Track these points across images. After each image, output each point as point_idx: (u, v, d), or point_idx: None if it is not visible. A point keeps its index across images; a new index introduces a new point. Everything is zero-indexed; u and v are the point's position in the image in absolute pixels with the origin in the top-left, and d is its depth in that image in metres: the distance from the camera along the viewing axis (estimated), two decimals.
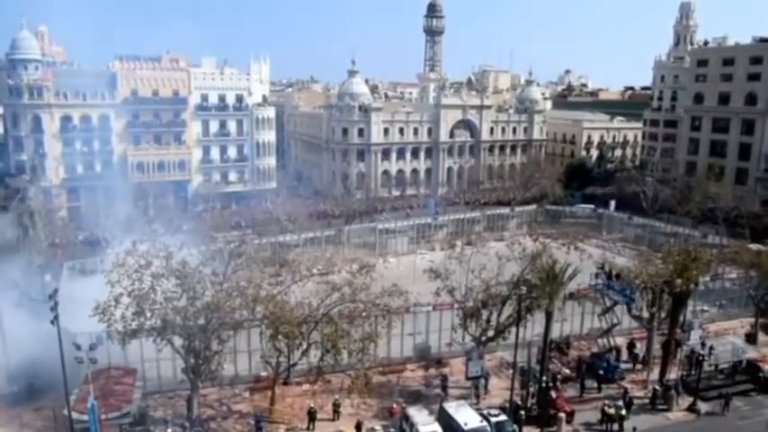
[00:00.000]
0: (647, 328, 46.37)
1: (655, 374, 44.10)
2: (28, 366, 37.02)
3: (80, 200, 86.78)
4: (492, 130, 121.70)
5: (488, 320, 42.09)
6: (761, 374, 43.78)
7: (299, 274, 40.54)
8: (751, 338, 50.53)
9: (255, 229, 73.36)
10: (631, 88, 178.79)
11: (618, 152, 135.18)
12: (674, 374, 44.14)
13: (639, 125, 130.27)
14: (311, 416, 36.93)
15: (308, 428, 37.17)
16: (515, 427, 36.38)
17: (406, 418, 35.84)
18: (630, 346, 47.78)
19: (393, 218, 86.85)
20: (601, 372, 43.56)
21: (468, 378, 41.22)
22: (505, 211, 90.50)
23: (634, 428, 37.28)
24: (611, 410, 37.96)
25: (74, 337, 33.39)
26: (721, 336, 49.50)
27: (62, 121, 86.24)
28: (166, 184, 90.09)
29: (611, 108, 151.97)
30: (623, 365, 45.90)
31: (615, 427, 37.76)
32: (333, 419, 37.85)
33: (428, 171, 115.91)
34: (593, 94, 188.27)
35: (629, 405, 39.30)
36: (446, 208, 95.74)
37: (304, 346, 37.66)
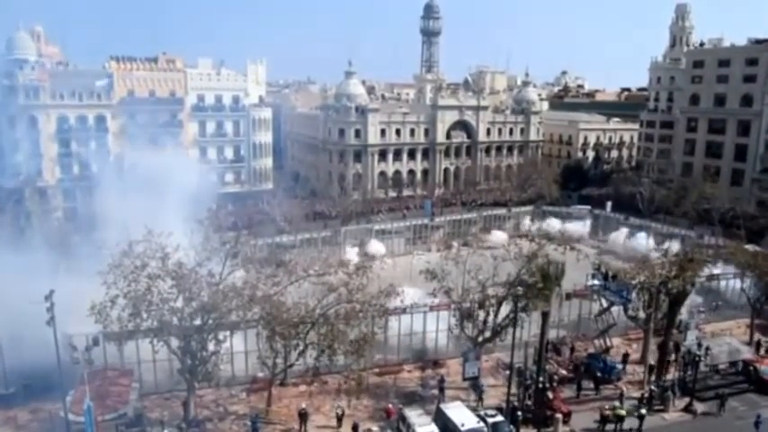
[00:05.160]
0: (643, 328, 46.48)
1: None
2: (24, 367, 36.90)
3: (76, 201, 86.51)
4: (489, 131, 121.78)
5: (485, 321, 42.14)
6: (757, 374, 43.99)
7: (295, 275, 40.51)
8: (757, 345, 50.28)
9: (252, 229, 73.28)
10: (627, 89, 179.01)
11: (614, 153, 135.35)
12: (670, 375, 44.23)
13: (636, 126, 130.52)
14: (302, 417, 36.82)
15: (300, 431, 37.05)
16: (512, 427, 36.46)
17: (403, 419, 35.89)
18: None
19: (390, 219, 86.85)
20: (599, 374, 43.56)
21: (464, 379, 41.25)
22: (502, 211, 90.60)
23: (630, 429, 37.39)
24: (622, 412, 38.06)
25: (70, 339, 33.32)
26: (718, 336, 49.63)
27: (58, 121, 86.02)
28: None
29: (608, 109, 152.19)
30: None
31: (625, 425, 37.93)
32: (336, 427, 37.45)
33: (425, 172, 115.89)
34: (590, 95, 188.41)
35: (650, 401, 40.12)
36: (443, 209, 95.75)
37: (301, 347, 37.66)
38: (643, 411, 38.37)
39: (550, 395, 39.16)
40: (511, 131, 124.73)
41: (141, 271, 33.88)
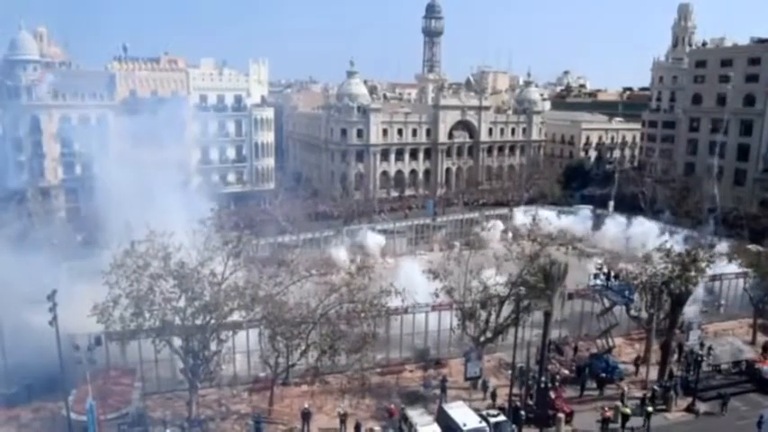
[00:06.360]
0: (645, 328, 46.42)
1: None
2: (27, 367, 36.98)
3: (78, 201, 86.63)
4: (491, 130, 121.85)
5: (487, 321, 42.13)
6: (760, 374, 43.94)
7: (297, 275, 40.55)
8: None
9: (254, 229, 73.28)
10: (630, 89, 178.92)
11: (616, 153, 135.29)
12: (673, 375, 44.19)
13: (638, 126, 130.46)
14: (305, 417, 36.86)
15: (302, 431, 37.06)
16: (514, 427, 36.44)
17: (405, 418, 35.90)
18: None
19: (392, 219, 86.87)
20: (603, 375, 43.46)
21: (466, 378, 41.27)
22: (504, 211, 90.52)
23: (632, 428, 37.37)
24: (627, 410, 38.21)
25: (73, 338, 33.36)
26: (720, 336, 49.58)
27: (61, 121, 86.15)
28: None
29: (610, 109, 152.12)
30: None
31: (628, 425, 37.97)
32: (339, 429, 37.27)
33: (427, 172, 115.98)
34: (592, 94, 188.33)
35: (652, 400, 40.04)
36: (445, 209, 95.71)
37: (302, 347, 37.70)
38: (649, 409, 38.42)
39: (553, 395, 39.16)
40: (513, 131, 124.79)
41: (143, 271, 33.92)
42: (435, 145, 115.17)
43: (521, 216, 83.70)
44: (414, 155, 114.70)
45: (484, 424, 34.68)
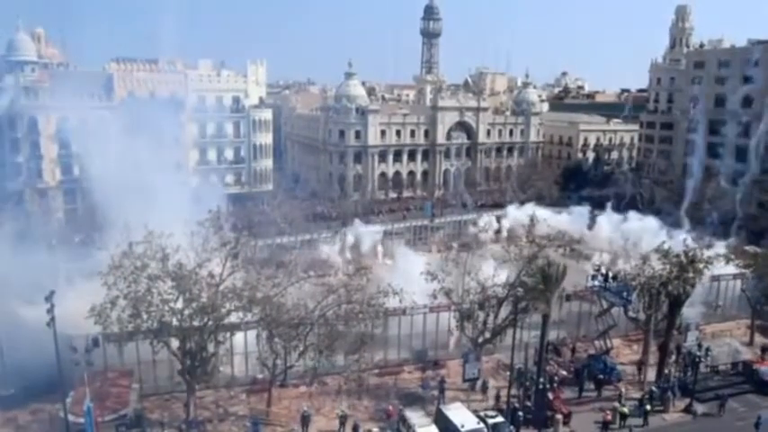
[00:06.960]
0: (643, 329, 46.43)
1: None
2: (24, 369, 36.92)
3: (76, 202, 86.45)
4: (489, 132, 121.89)
5: (485, 322, 42.14)
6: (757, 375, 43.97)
7: (295, 276, 40.52)
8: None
9: (252, 230, 73.20)
10: (628, 90, 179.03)
11: (614, 154, 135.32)
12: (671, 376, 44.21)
13: (636, 127, 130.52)
14: (304, 420, 36.81)
15: None
16: (512, 428, 36.47)
17: (404, 419, 35.92)
18: None
19: (390, 220, 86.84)
20: (601, 376, 43.46)
21: (465, 380, 41.26)
22: (501, 212, 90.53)
23: (630, 429, 37.40)
24: (625, 409, 38.41)
25: (70, 340, 33.30)
26: (718, 337, 49.59)
27: (58, 122, 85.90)
28: None
29: (609, 110, 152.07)
30: None
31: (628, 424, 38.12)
32: (338, 431, 37.27)
33: (425, 173, 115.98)
34: (590, 96, 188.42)
35: (650, 401, 40.09)
36: (442, 210, 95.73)
37: (300, 348, 37.68)
38: (648, 407, 38.50)
39: (551, 396, 39.17)
40: (511, 132, 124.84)
41: (141, 272, 33.89)
42: (433, 146, 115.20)
43: (514, 212, 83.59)
44: (412, 156, 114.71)
45: (482, 425, 34.73)
